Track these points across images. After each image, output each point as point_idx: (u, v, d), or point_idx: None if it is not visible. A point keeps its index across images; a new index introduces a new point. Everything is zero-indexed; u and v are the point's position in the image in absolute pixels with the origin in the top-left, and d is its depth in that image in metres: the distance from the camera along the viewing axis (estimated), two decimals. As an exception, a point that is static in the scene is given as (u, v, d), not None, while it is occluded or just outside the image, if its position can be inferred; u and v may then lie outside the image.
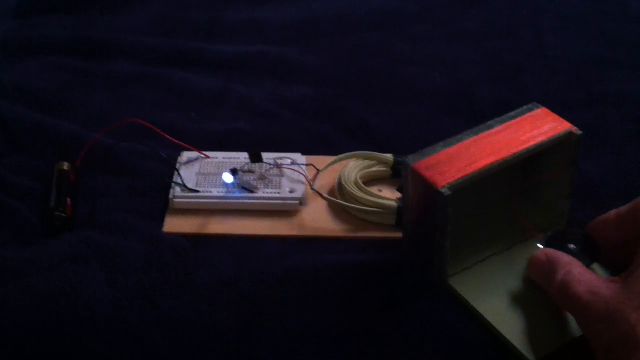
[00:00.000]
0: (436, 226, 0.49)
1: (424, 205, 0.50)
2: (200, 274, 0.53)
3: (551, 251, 0.49)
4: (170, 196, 0.58)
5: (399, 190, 0.59)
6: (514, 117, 0.52)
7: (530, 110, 0.53)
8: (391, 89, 0.73)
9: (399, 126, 0.68)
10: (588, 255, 0.50)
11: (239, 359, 0.48)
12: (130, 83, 0.73)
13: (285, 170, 0.60)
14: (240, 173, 0.59)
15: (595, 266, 0.50)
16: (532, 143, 0.50)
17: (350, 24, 0.83)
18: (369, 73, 0.76)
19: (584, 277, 0.45)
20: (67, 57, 0.76)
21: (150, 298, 0.51)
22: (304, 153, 0.62)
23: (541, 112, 0.52)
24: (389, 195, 0.58)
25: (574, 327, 0.47)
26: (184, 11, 0.85)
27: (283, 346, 0.49)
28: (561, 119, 0.52)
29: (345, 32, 0.82)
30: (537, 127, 0.51)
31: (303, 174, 0.59)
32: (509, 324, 0.49)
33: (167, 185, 0.59)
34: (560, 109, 0.54)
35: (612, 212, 0.50)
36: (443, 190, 0.47)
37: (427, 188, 0.48)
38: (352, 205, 0.57)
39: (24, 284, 0.52)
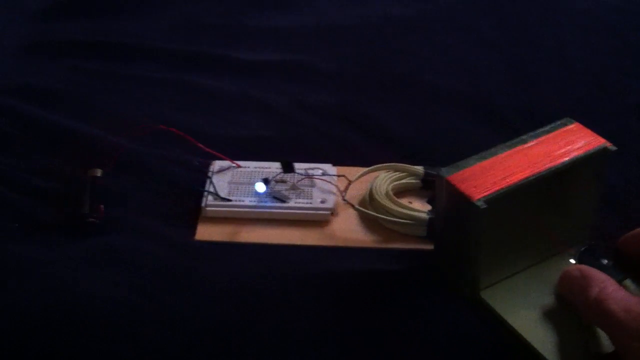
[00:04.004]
0: (470, 239, 0.49)
1: (458, 217, 0.50)
2: (225, 280, 0.54)
3: (585, 267, 0.49)
4: (203, 204, 0.58)
5: (429, 202, 0.59)
6: (548, 132, 0.52)
7: (564, 125, 0.53)
8: (413, 96, 0.74)
9: (420, 133, 0.69)
10: (620, 270, 0.50)
11: None
12: (152, 88, 0.74)
13: (316, 181, 0.60)
14: (272, 182, 0.59)
15: (628, 281, 0.51)
16: (566, 158, 0.50)
17: (371, 31, 0.83)
18: (391, 79, 0.76)
19: (618, 294, 0.46)
20: (90, 60, 0.77)
21: (174, 301, 0.52)
22: (327, 159, 0.63)
23: (575, 127, 0.53)
24: (419, 207, 0.58)
25: (605, 342, 0.48)
26: (205, 18, 0.85)
27: (307, 352, 0.49)
28: (594, 134, 0.52)
29: (366, 38, 0.82)
30: (571, 142, 0.51)
31: (334, 185, 0.59)
32: (541, 337, 0.49)
33: (198, 192, 0.59)
34: (583, 119, 0.54)
35: None
36: (478, 203, 0.47)
37: (462, 200, 0.48)
38: (383, 216, 0.57)
39: (47, 284, 0.52)
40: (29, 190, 0.60)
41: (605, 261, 0.50)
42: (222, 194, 0.59)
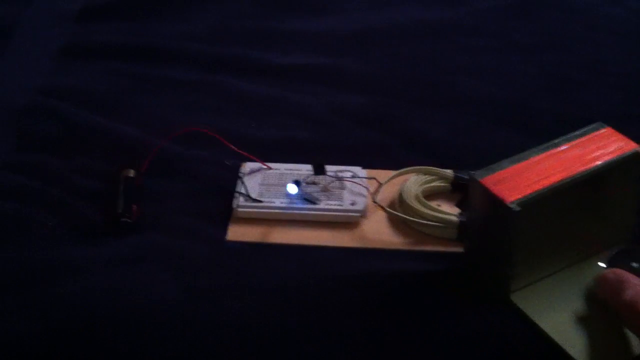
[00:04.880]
0: (503, 241, 0.50)
1: (491, 220, 0.51)
2: (260, 278, 0.54)
3: (620, 270, 0.49)
4: (234, 205, 0.59)
5: (457, 205, 0.59)
6: (580, 136, 0.53)
7: (596, 129, 0.53)
8: (444, 99, 0.74)
9: (452, 136, 0.69)
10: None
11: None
12: (187, 89, 0.75)
13: (346, 183, 0.60)
14: (303, 184, 0.60)
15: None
16: (598, 162, 0.50)
17: (404, 35, 0.83)
18: (423, 83, 0.76)
19: None
20: (126, 62, 0.78)
21: (210, 299, 0.52)
22: (357, 162, 0.63)
23: (607, 131, 0.53)
24: (447, 210, 0.59)
25: (638, 345, 0.48)
26: (240, 20, 0.86)
27: (337, 349, 0.49)
28: (627, 139, 0.52)
29: (399, 42, 0.82)
30: (603, 146, 0.52)
31: (365, 187, 0.60)
32: (572, 340, 0.49)
33: (230, 192, 0.60)
34: (617, 123, 0.54)
35: None
36: (512, 206, 0.48)
37: (495, 203, 0.49)
38: (413, 219, 0.57)
39: (87, 282, 0.53)
40: (68, 189, 0.61)
41: (636, 264, 0.50)
42: (253, 195, 0.59)
